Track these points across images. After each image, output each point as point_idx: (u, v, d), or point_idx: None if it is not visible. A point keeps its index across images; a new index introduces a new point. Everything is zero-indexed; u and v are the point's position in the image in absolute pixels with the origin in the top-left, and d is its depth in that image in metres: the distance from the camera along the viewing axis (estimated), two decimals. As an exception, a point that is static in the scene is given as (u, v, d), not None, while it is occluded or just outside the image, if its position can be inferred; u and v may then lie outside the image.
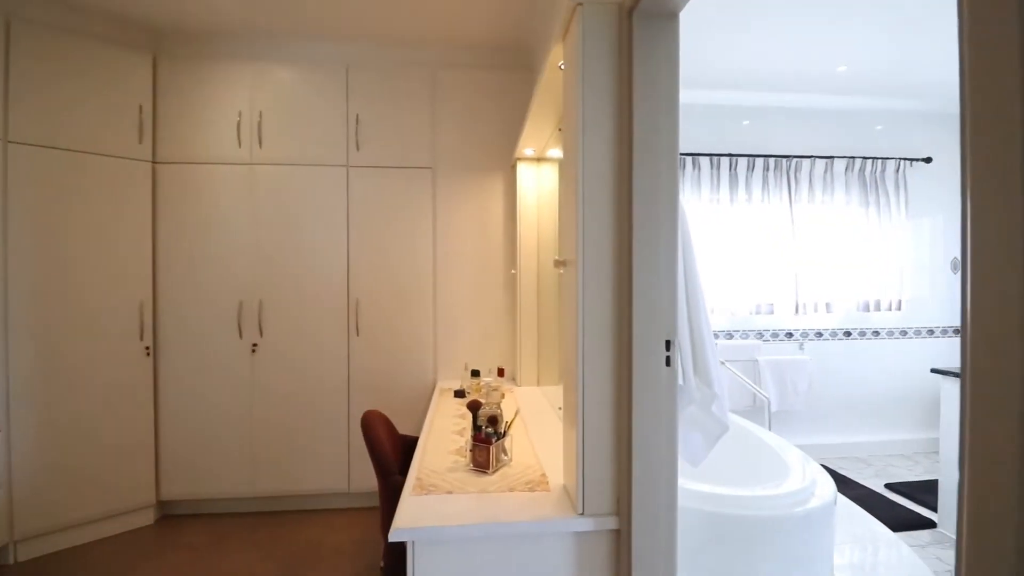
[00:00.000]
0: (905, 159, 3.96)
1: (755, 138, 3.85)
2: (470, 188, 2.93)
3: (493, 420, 1.55)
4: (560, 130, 2.09)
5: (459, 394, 2.44)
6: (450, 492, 1.39)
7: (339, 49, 2.84)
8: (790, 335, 3.94)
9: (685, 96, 1.25)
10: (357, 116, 2.82)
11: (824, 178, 3.92)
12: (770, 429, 3.46)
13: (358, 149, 2.83)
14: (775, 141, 3.87)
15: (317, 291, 2.80)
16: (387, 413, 2.28)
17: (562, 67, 1.55)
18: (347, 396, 2.81)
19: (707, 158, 3.76)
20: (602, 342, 1.29)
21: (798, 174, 3.87)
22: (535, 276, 2.72)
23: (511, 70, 2.92)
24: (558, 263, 1.43)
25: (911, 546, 2.56)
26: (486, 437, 1.54)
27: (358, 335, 2.81)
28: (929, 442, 4.01)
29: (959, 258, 4.22)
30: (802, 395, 3.81)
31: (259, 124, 2.76)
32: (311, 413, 2.79)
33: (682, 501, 1.32)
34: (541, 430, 1.98)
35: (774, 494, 1.83)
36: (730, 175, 3.79)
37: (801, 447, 3.89)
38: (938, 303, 4.08)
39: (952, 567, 2.37)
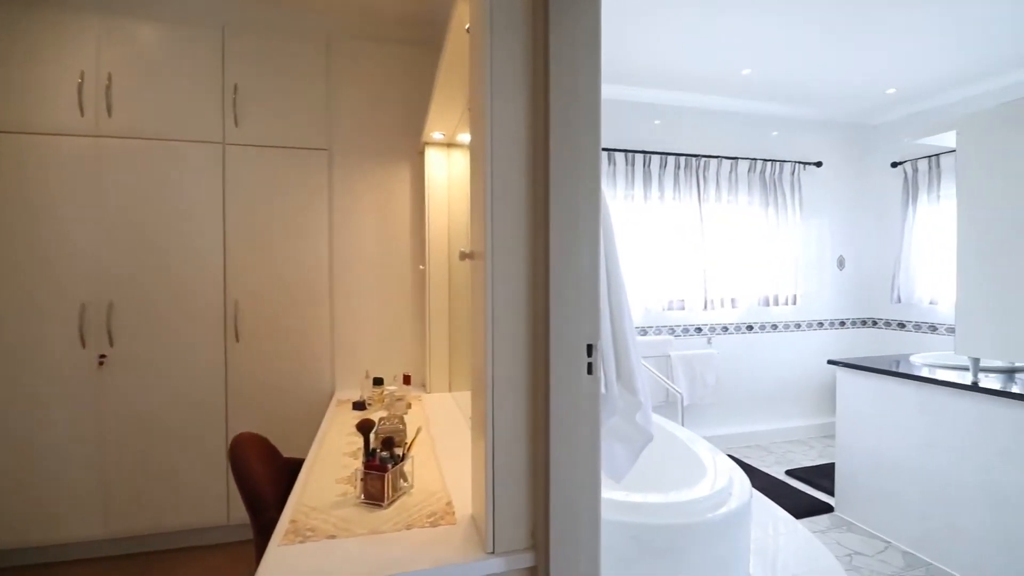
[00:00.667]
0: (799, 163, 4.20)
1: (666, 137, 3.90)
2: (373, 174, 2.63)
3: (388, 442, 1.31)
4: (470, 109, 1.88)
5: (358, 406, 2.16)
6: (332, 536, 1.13)
7: (212, 4, 2.42)
8: (699, 330, 4.04)
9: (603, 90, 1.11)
10: (236, 85, 2.42)
11: (730, 178, 4.05)
12: (683, 424, 3.50)
13: (237, 124, 2.42)
14: (685, 140, 3.94)
15: (185, 290, 2.36)
16: (275, 431, 1.96)
17: (468, 30, 1.33)
18: (224, 413, 2.41)
19: (622, 154, 3.73)
20: (515, 346, 1.10)
21: (706, 173, 3.97)
22: (446, 272, 2.49)
23: (419, 45, 2.66)
24: (464, 255, 1.22)
25: (813, 532, 2.66)
26: (381, 463, 1.29)
27: (238, 341, 2.42)
28: (821, 427, 4.31)
29: (844, 256, 4.60)
30: (710, 388, 3.92)
31: (107, 88, 2.27)
32: (179, 435, 2.36)
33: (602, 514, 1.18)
34: (450, 445, 1.76)
35: (695, 498, 1.76)
36: (644, 172, 3.79)
37: (709, 438, 4.01)
38: (826, 298, 4.40)
39: (851, 550, 2.48)
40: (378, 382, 2.23)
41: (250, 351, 2.43)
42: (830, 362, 2.93)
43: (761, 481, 3.27)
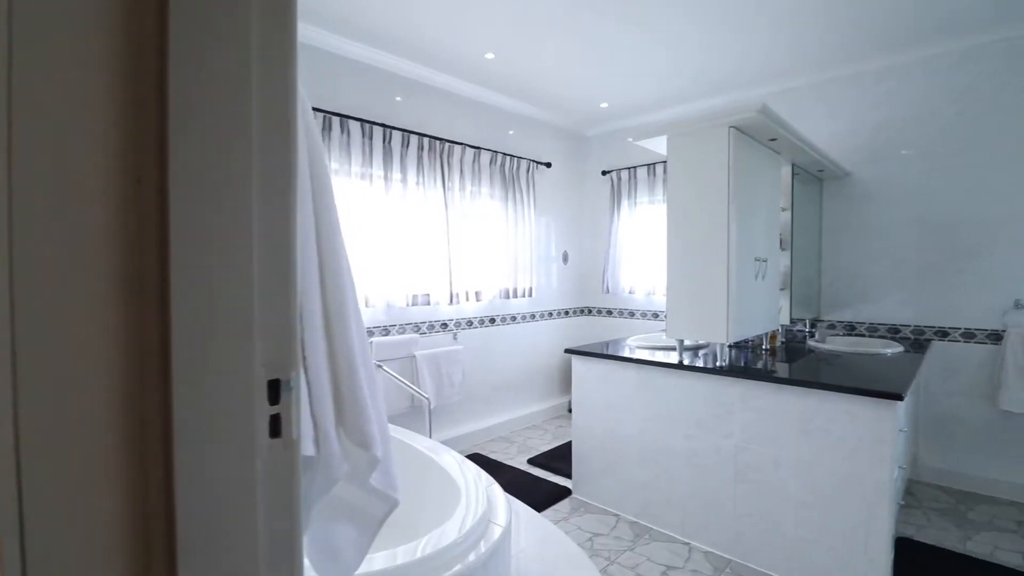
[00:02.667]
0: (534, 161, 4.40)
1: (408, 116, 3.53)
2: None
3: None
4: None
5: None
6: None
7: None
8: (445, 325, 3.83)
9: (334, 43, 0.63)
10: None
11: (473, 168, 3.95)
12: (431, 432, 3.20)
13: None
14: (428, 122, 3.65)
15: None
16: None
17: None
18: None
19: (358, 123, 3.20)
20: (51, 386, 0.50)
21: (451, 160, 3.76)
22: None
23: None
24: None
25: (556, 521, 2.67)
26: None
27: None
28: (551, 409, 4.64)
29: (568, 252, 5.07)
30: (457, 386, 3.75)
31: None
32: None
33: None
34: None
35: (454, 540, 1.41)
36: (384, 149, 3.34)
37: (456, 438, 3.81)
38: (554, 290, 4.76)
39: (590, 533, 2.55)
40: None
41: None
42: (567, 351, 3.02)
43: (507, 476, 3.22)
